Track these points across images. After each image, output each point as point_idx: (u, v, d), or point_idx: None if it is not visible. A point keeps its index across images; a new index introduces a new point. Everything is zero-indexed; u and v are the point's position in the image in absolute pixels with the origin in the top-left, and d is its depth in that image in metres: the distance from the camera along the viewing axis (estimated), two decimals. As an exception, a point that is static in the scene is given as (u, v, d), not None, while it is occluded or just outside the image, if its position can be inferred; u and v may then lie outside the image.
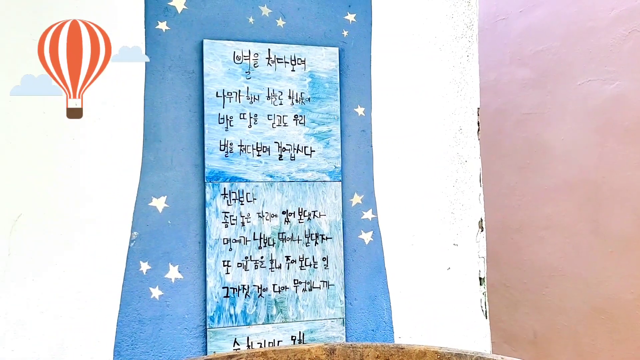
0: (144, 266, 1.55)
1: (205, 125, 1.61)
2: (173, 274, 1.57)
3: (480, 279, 1.78)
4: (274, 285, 1.64)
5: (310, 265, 1.67)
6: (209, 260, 1.59)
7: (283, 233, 1.66)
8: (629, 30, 2.68)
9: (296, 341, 1.65)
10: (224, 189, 1.61)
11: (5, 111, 1.46)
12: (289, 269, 1.66)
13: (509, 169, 3.64)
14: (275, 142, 1.66)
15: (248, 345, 1.61)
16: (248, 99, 1.64)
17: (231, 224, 1.62)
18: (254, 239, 1.63)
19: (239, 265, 1.62)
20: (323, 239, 1.68)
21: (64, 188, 1.50)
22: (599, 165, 2.86)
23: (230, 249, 1.61)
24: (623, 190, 2.69)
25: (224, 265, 1.61)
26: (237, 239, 1.62)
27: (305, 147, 1.68)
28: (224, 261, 1.61)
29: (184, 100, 1.60)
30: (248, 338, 1.61)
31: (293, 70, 1.68)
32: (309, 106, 1.69)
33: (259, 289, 1.63)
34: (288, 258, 1.66)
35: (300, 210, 1.67)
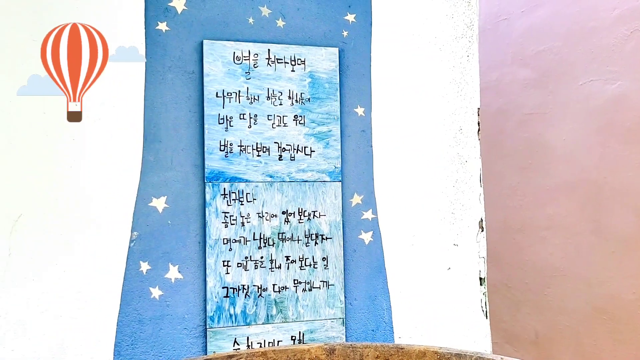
0: (144, 266, 1.55)
1: (205, 126, 1.61)
2: (173, 274, 1.57)
3: (480, 279, 1.78)
4: (274, 285, 1.65)
5: (310, 265, 1.67)
6: (209, 260, 1.60)
7: (283, 233, 1.66)
8: (631, 30, 2.68)
9: (296, 341, 1.65)
10: (224, 189, 1.62)
11: (6, 112, 1.47)
12: (288, 269, 1.66)
13: (510, 169, 3.63)
14: (275, 143, 1.67)
15: (248, 345, 1.61)
16: (248, 99, 1.65)
17: (231, 224, 1.62)
18: (254, 239, 1.64)
19: (239, 265, 1.62)
20: (323, 239, 1.68)
21: (64, 188, 1.50)
22: (601, 166, 2.85)
23: (230, 249, 1.62)
24: (624, 190, 2.69)
25: (224, 265, 1.61)
26: (237, 239, 1.62)
27: (305, 148, 1.68)
28: (223, 261, 1.61)
29: (183, 100, 1.61)
30: (248, 338, 1.62)
31: (293, 71, 1.68)
32: (308, 106, 1.69)
33: (259, 289, 1.64)
34: (288, 258, 1.66)
35: (300, 211, 1.67)
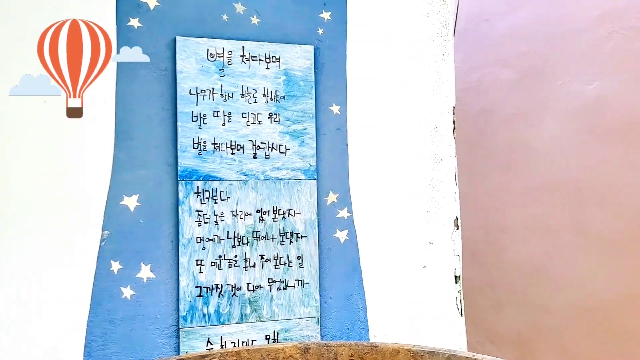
0: (115, 265, 1.53)
1: (179, 123, 1.59)
2: (145, 273, 1.56)
3: (455, 277, 1.78)
4: (248, 284, 1.63)
5: (284, 264, 1.66)
6: (182, 259, 1.58)
7: (257, 232, 1.65)
8: (609, 31, 2.70)
9: (270, 340, 1.64)
10: (197, 187, 1.60)
11: (-27, 108, 1.45)
12: (263, 267, 1.65)
13: (493, 169, 3.65)
14: (250, 140, 1.66)
15: (221, 345, 1.59)
16: (222, 96, 1.63)
17: (204, 223, 1.60)
18: (228, 238, 1.62)
19: (213, 264, 1.61)
20: (298, 237, 1.67)
21: (34, 186, 1.48)
22: (581, 166, 2.88)
23: (204, 248, 1.60)
24: (604, 190, 2.71)
25: (197, 265, 1.59)
26: (211, 237, 1.61)
27: (280, 146, 1.68)
28: (197, 260, 1.59)
29: (156, 97, 1.59)
30: (221, 338, 1.60)
31: (267, 68, 1.67)
32: (283, 104, 1.68)
33: (233, 288, 1.62)
34: (262, 257, 1.65)
35: (275, 209, 1.66)
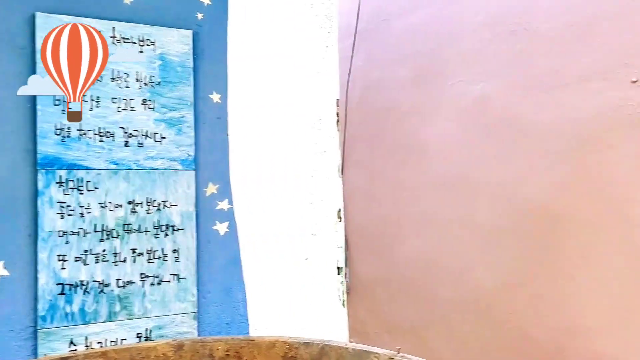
0: (-39, 262, 1.38)
1: (38, 107, 1.46)
2: (-3, 270, 1.41)
3: (338, 268, 1.79)
4: (118, 280, 1.54)
5: (159, 258, 1.58)
6: (41, 255, 1.45)
7: (129, 224, 1.56)
8: (493, 35, 2.86)
9: (142, 339, 1.56)
10: (60, 176, 1.48)
11: None
12: (135, 262, 1.56)
13: (391, 165, 3.76)
14: (121, 127, 1.56)
15: (87, 346, 1.49)
16: (90, 80, 1.52)
17: (68, 215, 1.49)
18: (95, 231, 1.52)
19: (77, 259, 1.49)
20: (174, 230, 1.60)
21: None
22: (468, 162, 3.02)
23: (67, 242, 1.48)
24: (487, 185, 2.86)
25: (59, 260, 1.47)
26: (75, 231, 1.49)
27: (155, 134, 1.59)
28: (59, 255, 1.47)
29: (12, 78, 1.45)
30: (87, 338, 1.49)
31: (141, 52, 1.58)
32: (159, 90, 1.60)
33: (100, 285, 1.52)
34: (134, 251, 1.56)
35: (148, 200, 1.58)
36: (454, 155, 3.12)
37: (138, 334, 1.55)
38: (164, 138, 1.60)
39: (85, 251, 1.50)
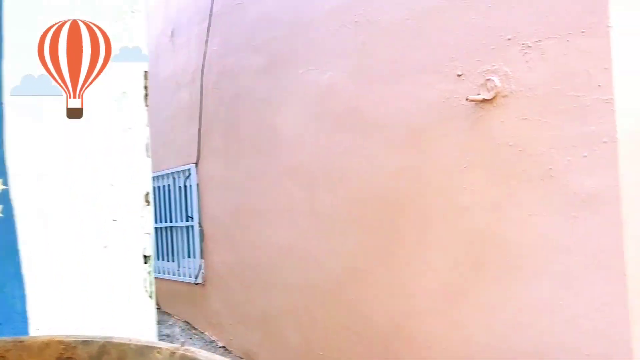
0: None
1: None
2: None
3: (145, 257, 1.64)
4: None
5: None
6: None
7: None
8: (339, 24, 2.86)
9: None
10: None
11: None
12: None
13: (246, 153, 3.66)
14: None
15: None
16: None
17: None
18: None
19: None
20: None
21: None
22: (316, 151, 3.02)
23: None
24: (334, 174, 2.87)
25: None
26: None
27: None
28: None
29: None
30: None
31: None
32: None
33: None
34: None
35: None
36: (304, 145, 3.10)
37: None
38: None
39: None
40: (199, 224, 4.12)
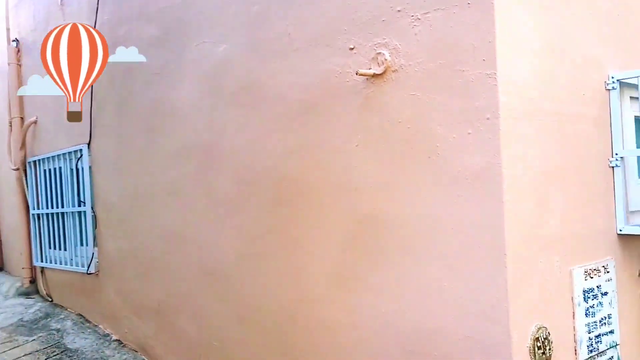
0: None
1: None
2: None
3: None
4: None
5: None
6: None
7: None
8: (234, -7, 2.65)
9: None
10: None
11: None
12: None
13: (139, 132, 3.38)
14: None
15: None
16: None
17: None
18: None
19: None
20: None
21: None
22: (211, 129, 2.82)
23: None
24: (228, 153, 2.69)
25: None
26: None
27: None
28: None
29: None
30: None
31: None
32: None
33: None
34: None
35: None
36: (198, 123, 2.88)
37: None
38: None
39: None
40: (92, 209, 3.80)
